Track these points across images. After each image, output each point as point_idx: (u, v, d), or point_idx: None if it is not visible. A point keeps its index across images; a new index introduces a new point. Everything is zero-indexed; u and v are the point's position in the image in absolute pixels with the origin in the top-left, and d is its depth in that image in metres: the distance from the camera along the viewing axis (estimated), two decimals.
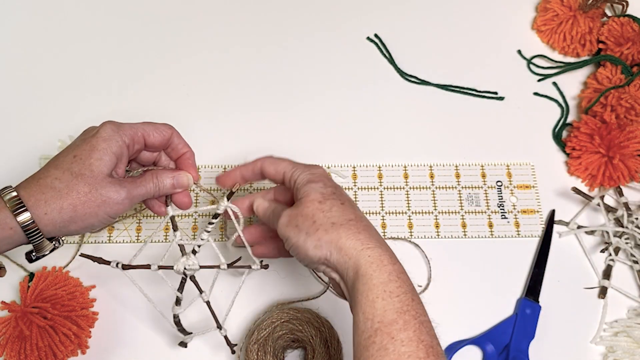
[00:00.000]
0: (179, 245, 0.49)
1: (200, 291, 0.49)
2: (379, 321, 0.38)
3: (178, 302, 0.49)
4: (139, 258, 0.48)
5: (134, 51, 0.68)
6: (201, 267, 0.49)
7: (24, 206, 0.42)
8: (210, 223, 0.49)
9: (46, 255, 0.46)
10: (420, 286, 0.56)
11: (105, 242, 0.58)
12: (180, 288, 0.49)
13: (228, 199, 0.49)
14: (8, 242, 0.43)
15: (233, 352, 0.50)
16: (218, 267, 0.49)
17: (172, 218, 0.50)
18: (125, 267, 0.48)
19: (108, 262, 0.48)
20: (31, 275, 0.54)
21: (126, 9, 0.70)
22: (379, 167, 0.62)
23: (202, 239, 0.49)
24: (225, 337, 0.49)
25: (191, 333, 0.51)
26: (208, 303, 0.49)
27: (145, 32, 0.69)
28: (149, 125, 0.48)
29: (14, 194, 0.42)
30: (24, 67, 0.67)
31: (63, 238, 0.47)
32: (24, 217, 0.42)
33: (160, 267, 0.48)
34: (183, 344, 0.51)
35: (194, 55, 0.68)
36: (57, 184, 0.43)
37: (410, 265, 0.57)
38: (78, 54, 0.68)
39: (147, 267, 0.48)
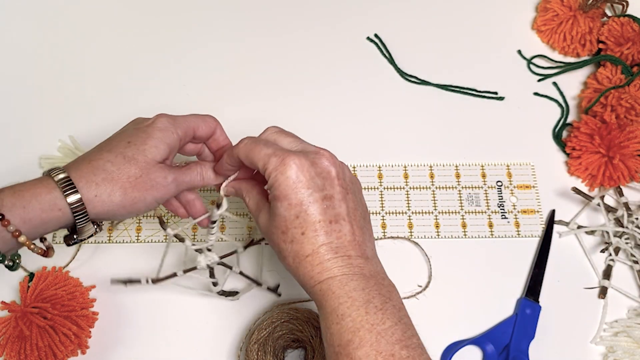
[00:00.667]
0: (196, 250, 0.51)
1: (230, 267, 0.52)
2: (338, 345, 0.39)
3: (215, 285, 0.52)
4: (149, 261, 0.50)
5: (135, 49, 0.68)
6: (221, 257, 0.51)
7: (74, 187, 0.42)
8: (211, 227, 0.50)
9: (84, 239, 0.46)
10: (420, 286, 0.56)
11: (105, 242, 0.58)
12: (212, 275, 0.52)
13: (217, 208, 0.48)
14: (55, 223, 0.42)
15: (279, 294, 0.54)
16: (235, 252, 0.52)
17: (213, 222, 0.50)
18: (155, 281, 0.51)
19: (139, 281, 0.50)
20: (31, 275, 0.54)
21: (125, 7, 0.70)
22: (379, 167, 0.62)
23: (210, 239, 0.50)
24: (268, 288, 0.54)
25: (238, 292, 0.55)
26: (241, 273, 0.52)
27: (145, 30, 0.69)
28: (197, 118, 0.48)
29: (64, 174, 0.42)
30: (24, 67, 0.67)
31: (102, 223, 0.47)
32: (74, 198, 0.41)
33: (185, 271, 0.51)
34: (234, 294, 0.55)
35: (194, 57, 0.68)
36: (109, 167, 0.43)
37: (410, 264, 0.57)
38: (78, 54, 0.68)
39: (174, 275, 0.51)
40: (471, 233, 0.59)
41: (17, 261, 0.45)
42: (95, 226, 0.46)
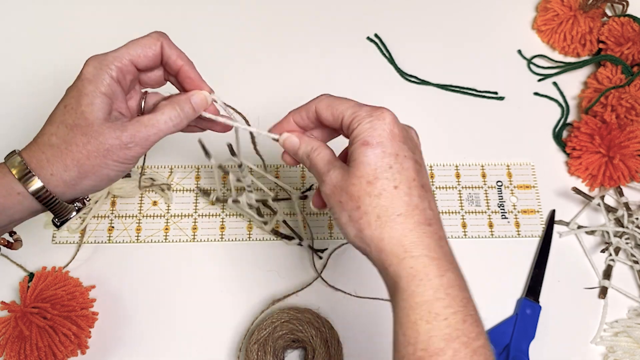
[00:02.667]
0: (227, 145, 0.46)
1: (274, 211, 0.56)
2: (423, 349, 0.33)
3: (265, 224, 0.56)
4: (149, 261, 0.48)
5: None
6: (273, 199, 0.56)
7: (28, 170, 0.39)
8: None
9: (72, 217, 0.42)
10: None
11: (105, 242, 0.57)
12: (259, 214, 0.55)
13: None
14: (20, 209, 0.39)
15: (320, 257, 0.56)
16: (289, 198, 0.56)
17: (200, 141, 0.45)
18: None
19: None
20: (31, 276, 0.54)
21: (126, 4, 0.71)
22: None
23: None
24: (310, 247, 0.56)
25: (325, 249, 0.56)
26: (284, 222, 0.56)
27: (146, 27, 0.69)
28: (133, 46, 0.42)
29: (17, 157, 0.39)
30: (24, 67, 0.67)
31: (87, 198, 0.43)
32: (30, 180, 0.38)
33: (234, 201, 0.53)
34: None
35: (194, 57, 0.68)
36: (54, 141, 0.39)
37: None
38: (78, 53, 0.67)
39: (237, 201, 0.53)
40: (471, 233, 0.59)
41: None
42: (77, 203, 0.42)
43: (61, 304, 0.51)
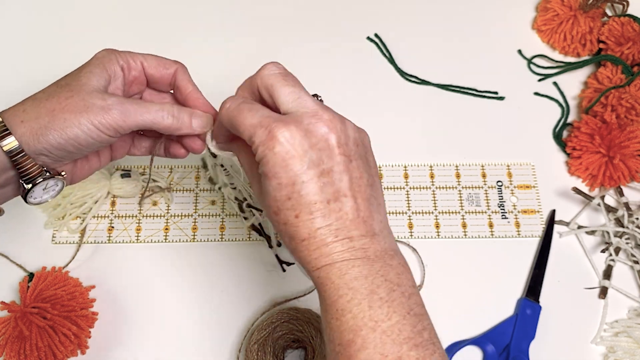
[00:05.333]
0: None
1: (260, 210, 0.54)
2: (339, 344, 0.35)
3: (245, 219, 0.57)
4: (149, 261, 0.47)
5: (134, 42, 0.68)
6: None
7: (3, 124, 0.38)
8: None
9: (38, 184, 0.40)
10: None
11: (105, 242, 0.57)
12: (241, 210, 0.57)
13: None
14: None
15: (284, 270, 0.55)
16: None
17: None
18: None
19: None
20: (31, 276, 0.54)
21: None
22: (379, 167, 0.62)
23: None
24: (277, 256, 0.56)
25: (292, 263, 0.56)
26: (258, 225, 0.56)
27: (146, 26, 0.69)
28: (151, 56, 0.44)
29: None
30: (23, 67, 0.67)
31: (63, 172, 0.42)
32: (8, 138, 0.38)
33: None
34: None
35: (194, 57, 0.68)
36: (39, 95, 0.40)
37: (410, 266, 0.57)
38: (79, 53, 0.67)
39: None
40: (471, 233, 0.59)
41: None
42: (47, 172, 0.40)
43: (61, 304, 0.51)
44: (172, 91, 0.46)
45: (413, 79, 0.67)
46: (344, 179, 0.37)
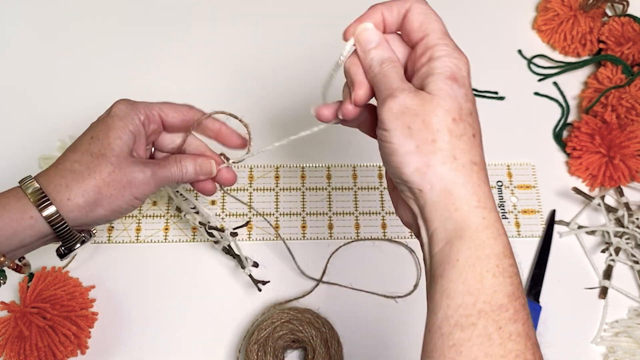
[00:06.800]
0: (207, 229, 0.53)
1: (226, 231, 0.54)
2: (485, 301, 0.31)
3: (217, 242, 0.55)
4: (149, 261, 0.47)
5: (137, 49, 0.68)
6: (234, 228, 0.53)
7: (44, 194, 0.39)
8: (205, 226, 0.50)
9: (76, 249, 0.43)
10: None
11: (105, 242, 0.57)
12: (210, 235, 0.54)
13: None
14: (30, 234, 0.40)
15: (259, 289, 0.54)
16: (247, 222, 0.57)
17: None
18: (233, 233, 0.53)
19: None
20: (31, 276, 0.54)
21: (128, 5, 0.70)
22: (379, 167, 0.62)
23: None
24: (250, 276, 0.54)
25: (267, 281, 0.55)
26: (228, 247, 0.54)
27: (148, 31, 0.69)
28: (166, 105, 0.45)
29: (33, 182, 0.40)
30: (23, 67, 0.67)
31: (94, 230, 0.44)
32: (45, 203, 0.39)
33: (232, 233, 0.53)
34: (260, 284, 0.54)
35: (194, 58, 0.68)
36: (77, 167, 0.40)
37: (404, 267, 0.57)
38: (78, 53, 0.68)
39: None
40: None
41: (2, 281, 0.46)
42: (84, 234, 0.43)
43: (61, 304, 0.51)
44: (192, 132, 0.47)
45: None
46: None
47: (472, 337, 0.31)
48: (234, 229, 0.53)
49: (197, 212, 0.56)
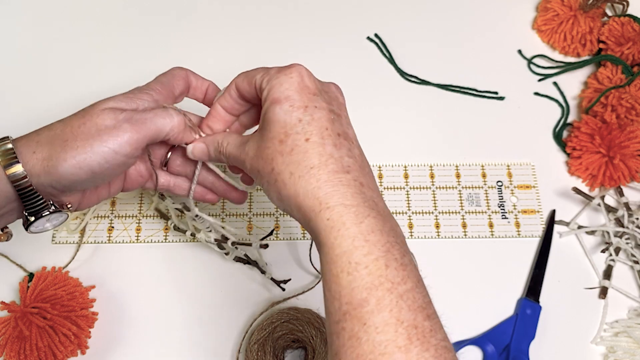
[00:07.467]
0: (212, 241, 0.53)
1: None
2: (347, 302, 0.31)
3: (227, 254, 0.54)
4: (149, 261, 0.47)
5: (133, 46, 0.68)
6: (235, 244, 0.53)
7: (14, 154, 0.36)
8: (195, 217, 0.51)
9: (44, 216, 0.39)
10: None
11: (105, 242, 0.57)
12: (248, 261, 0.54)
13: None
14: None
15: (283, 289, 0.54)
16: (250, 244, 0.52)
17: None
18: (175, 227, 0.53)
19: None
20: (31, 276, 0.54)
21: (127, 6, 0.70)
22: (379, 167, 0.62)
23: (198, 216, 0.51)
24: (272, 279, 0.54)
25: (288, 280, 0.54)
26: (245, 257, 0.53)
27: (145, 29, 0.69)
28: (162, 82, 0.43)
29: (9, 145, 0.37)
30: (23, 69, 0.67)
31: (68, 204, 0.41)
32: (12, 164, 0.36)
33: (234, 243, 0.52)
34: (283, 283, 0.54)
35: (195, 58, 0.68)
36: (55, 125, 0.38)
37: None
38: (78, 53, 0.68)
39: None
40: (471, 233, 0.59)
41: None
42: (53, 203, 0.39)
43: (61, 304, 0.51)
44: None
45: (413, 79, 0.67)
46: (351, 129, 0.37)
47: (344, 342, 0.31)
48: (261, 239, 0.53)
49: (210, 231, 0.54)
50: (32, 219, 0.39)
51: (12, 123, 0.63)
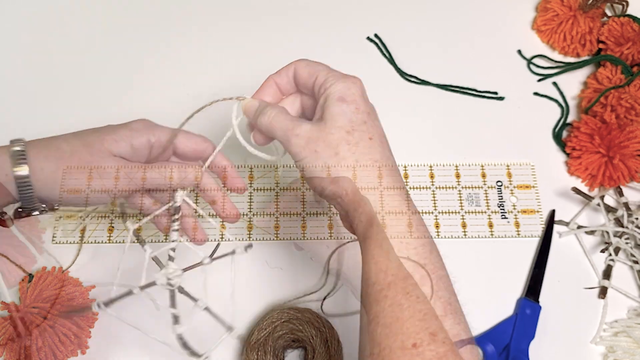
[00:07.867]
0: (152, 259, 0.44)
1: (194, 299, 0.43)
2: (393, 274, 0.36)
3: (176, 319, 0.43)
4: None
5: (138, 50, 0.68)
6: (184, 270, 0.44)
7: (24, 157, 0.41)
8: (173, 221, 0.47)
9: (33, 215, 0.44)
10: None
11: (105, 242, 0.57)
12: (173, 303, 0.43)
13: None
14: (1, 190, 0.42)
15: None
16: (201, 263, 0.44)
17: (135, 231, 0.47)
18: (107, 303, 0.43)
19: (89, 308, 0.47)
20: (31, 276, 0.54)
21: (127, 9, 0.70)
22: (379, 167, 0.62)
23: (172, 240, 0.45)
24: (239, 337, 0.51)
25: (202, 354, 0.44)
26: (207, 309, 0.44)
27: (147, 33, 0.69)
28: (182, 132, 0.46)
29: (21, 146, 0.42)
30: (22, 71, 0.67)
31: (56, 206, 0.45)
32: (21, 167, 0.41)
33: (142, 288, 0.43)
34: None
35: (195, 60, 0.68)
36: (64, 146, 0.43)
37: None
38: (77, 54, 0.68)
39: (130, 293, 0.43)
40: (471, 233, 0.59)
41: None
42: (44, 205, 0.44)
43: (61, 304, 0.51)
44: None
45: (413, 79, 0.67)
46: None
47: (385, 307, 0.35)
48: (210, 256, 0.45)
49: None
50: (24, 214, 0.44)
51: (18, 126, 0.63)
